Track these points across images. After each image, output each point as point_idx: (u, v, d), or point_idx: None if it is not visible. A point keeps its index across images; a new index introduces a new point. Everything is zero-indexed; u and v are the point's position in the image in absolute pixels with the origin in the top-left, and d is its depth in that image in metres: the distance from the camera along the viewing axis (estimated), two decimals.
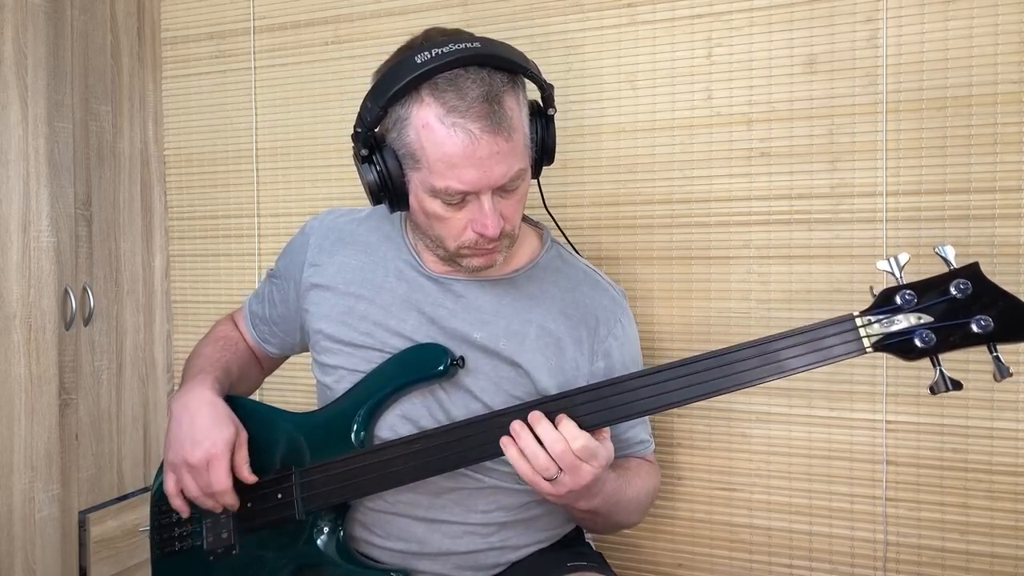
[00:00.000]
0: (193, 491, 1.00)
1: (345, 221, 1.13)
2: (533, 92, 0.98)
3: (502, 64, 0.90)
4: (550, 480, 0.87)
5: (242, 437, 1.03)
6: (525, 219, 1.10)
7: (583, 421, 0.88)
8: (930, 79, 1.18)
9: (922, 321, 0.80)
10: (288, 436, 1.05)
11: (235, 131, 1.64)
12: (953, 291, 0.79)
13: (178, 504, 1.03)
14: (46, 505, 1.43)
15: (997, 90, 1.14)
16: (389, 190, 0.95)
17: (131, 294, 1.63)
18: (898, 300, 0.81)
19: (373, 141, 0.94)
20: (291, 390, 1.61)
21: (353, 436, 1.01)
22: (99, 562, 1.52)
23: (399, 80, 0.88)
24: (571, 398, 0.90)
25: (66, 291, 1.47)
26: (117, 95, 1.60)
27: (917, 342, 0.80)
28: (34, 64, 1.41)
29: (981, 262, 0.81)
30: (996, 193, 1.15)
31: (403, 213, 1.04)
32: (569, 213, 1.38)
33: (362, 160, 0.95)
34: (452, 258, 0.99)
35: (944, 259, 0.81)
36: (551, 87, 0.96)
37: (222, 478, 0.99)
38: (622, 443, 1.06)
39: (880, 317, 0.81)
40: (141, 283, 1.65)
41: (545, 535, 1.09)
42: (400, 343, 1.02)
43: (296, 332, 1.17)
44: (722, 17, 1.28)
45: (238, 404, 1.06)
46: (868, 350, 0.82)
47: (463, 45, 0.88)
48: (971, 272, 0.80)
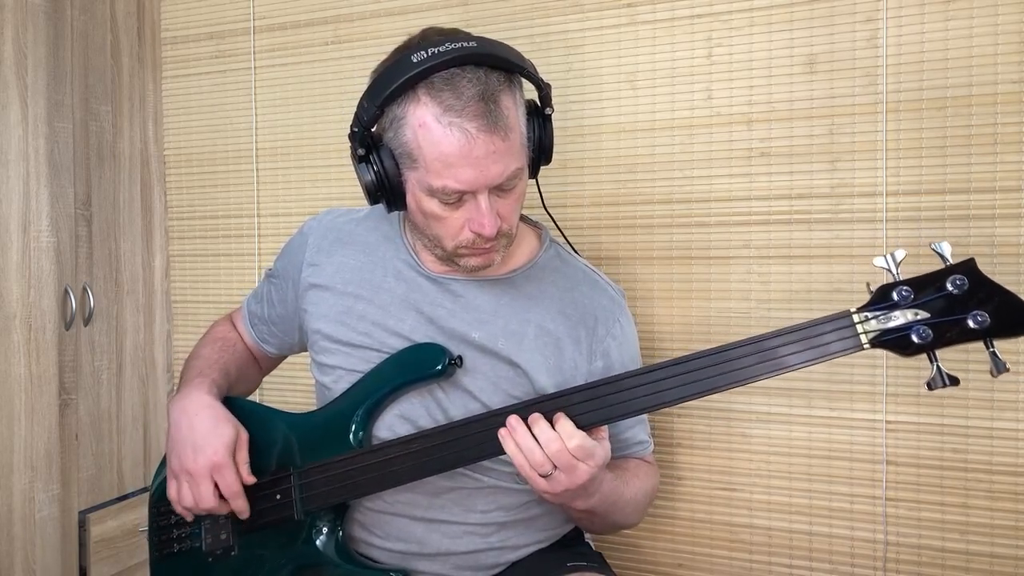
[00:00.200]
0: (191, 501, 1.00)
1: (344, 221, 1.13)
2: (532, 92, 0.98)
3: (498, 63, 0.90)
4: (545, 476, 0.87)
5: (243, 437, 1.03)
6: (524, 219, 1.10)
7: (581, 420, 0.88)
8: (930, 79, 1.18)
9: (919, 317, 0.80)
10: (286, 437, 1.05)
11: (235, 131, 1.64)
12: (949, 287, 0.80)
13: (181, 510, 1.03)
14: (46, 505, 1.43)
15: (997, 90, 1.14)
16: (386, 190, 0.95)
17: (131, 294, 1.63)
18: (895, 296, 0.81)
19: (370, 141, 0.94)
20: (291, 390, 1.61)
21: (352, 436, 1.01)
22: (99, 562, 1.52)
23: (395, 79, 0.88)
24: (569, 397, 0.90)
25: (66, 291, 1.47)
26: (117, 95, 1.60)
27: (914, 338, 0.80)
28: (34, 64, 1.41)
29: (981, 262, 0.81)
30: (996, 193, 1.15)
31: (401, 213, 1.03)
32: (569, 213, 1.38)
33: (359, 160, 0.95)
34: (450, 258, 0.99)
35: (940, 255, 0.81)
36: (548, 86, 0.96)
37: (230, 483, 0.99)
38: (621, 443, 1.06)
39: (877, 313, 0.82)
40: (141, 283, 1.65)
41: (545, 535, 1.09)
42: (398, 343, 1.02)
43: (295, 332, 1.17)
44: (722, 17, 1.28)
45: (236, 405, 1.06)
46: (865, 346, 0.82)
47: (459, 44, 0.88)
48: (967, 268, 0.80)
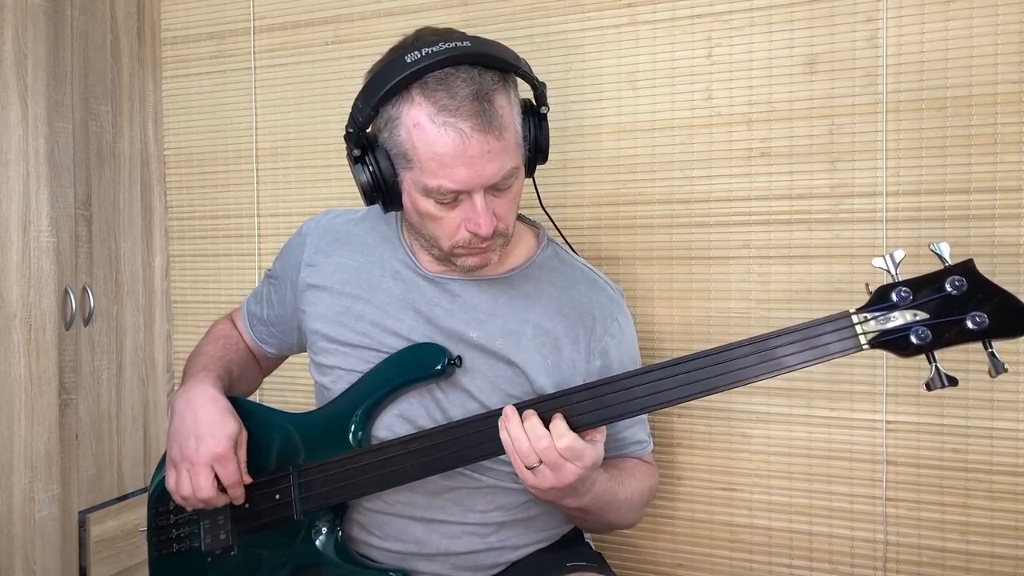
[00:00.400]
0: (189, 490, 1.00)
1: (342, 222, 1.13)
2: (528, 92, 0.97)
3: (492, 63, 0.90)
4: (531, 469, 0.87)
5: (243, 436, 1.03)
6: (521, 218, 1.10)
7: (580, 420, 0.88)
8: (930, 79, 1.18)
9: (918, 318, 0.80)
10: (286, 436, 1.05)
11: (235, 131, 1.64)
12: (948, 288, 0.80)
13: (179, 499, 1.03)
14: (46, 505, 1.43)
15: (997, 90, 1.14)
16: (382, 190, 0.95)
17: (131, 294, 1.63)
18: (894, 297, 0.81)
19: (365, 141, 0.94)
20: (291, 390, 1.61)
21: (351, 436, 1.01)
22: (99, 562, 1.52)
23: (390, 80, 0.88)
24: (567, 397, 0.90)
25: (66, 291, 1.47)
26: (117, 95, 1.60)
27: (913, 339, 0.80)
28: (34, 64, 1.41)
29: (981, 262, 0.81)
30: (996, 193, 1.15)
31: (399, 213, 1.04)
32: (569, 213, 1.38)
33: (354, 161, 0.95)
34: (447, 258, 0.99)
35: (939, 256, 0.81)
36: (543, 85, 0.96)
37: (231, 472, 0.99)
38: (619, 443, 1.06)
39: (876, 314, 0.82)
40: (141, 283, 1.65)
41: (544, 535, 1.09)
42: (396, 343, 1.02)
43: (293, 333, 1.17)
44: (722, 17, 1.28)
45: (236, 405, 1.06)
46: (864, 347, 0.82)
47: (453, 44, 0.88)
48: (966, 269, 0.80)
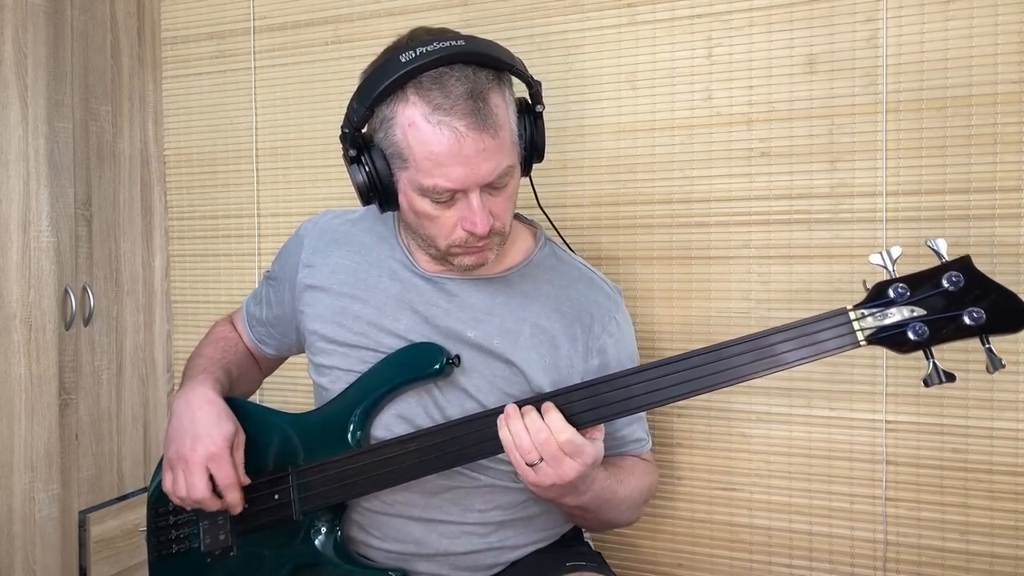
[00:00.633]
0: (184, 491, 1.00)
1: (339, 222, 1.13)
2: (524, 91, 0.97)
3: (487, 61, 0.90)
4: (532, 466, 0.87)
5: (240, 437, 1.03)
6: (519, 217, 1.10)
7: (578, 418, 0.88)
8: (930, 79, 1.18)
9: (915, 314, 0.81)
10: (284, 437, 1.05)
11: (235, 131, 1.64)
12: (945, 284, 0.80)
13: (177, 500, 1.03)
14: (46, 505, 1.43)
15: (997, 90, 1.14)
16: (378, 190, 0.96)
17: (131, 294, 1.63)
18: (891, 293, 0.81)
19: (361, 142, 0.95)
20: (291, 390, 1.61)
21: (349, 436, 1.01)
22: (99, 562, 1.52)
23: (384, 80, 0.89)
24: (567, 395, 0.90)
25: (66, 291, 1.47)
26: (117, 95, 1.60)
27: (910, 335, 0.80)
28: (34, 64, 1.41)
29: (981, 262, 0.81)
30: (996, 193, 1.15)
31: (396, 213, 1.04)
32: (569, 213, 1.38)
33: (350, 161, 0.95)
34: (443, 257, 0.99)
35: (936, 252, 0.81)
36: (538, 84, 0.96)
37: (227, 473, 0.99)
38: (618, 441, 1.06)
39: (873, 310, 0.82)
40: (141, 283, 1.65)
41: (543, 535, 1.09)
42: (394, 343, 1.02)
43: (292, 333, 1.17)
44: (722, 17, 1.28)
45: (235, 406, 1.06)
46: (862, 343, 0.82)
47: (447, 43, 0.88)
48: (963, 265, 0.80)
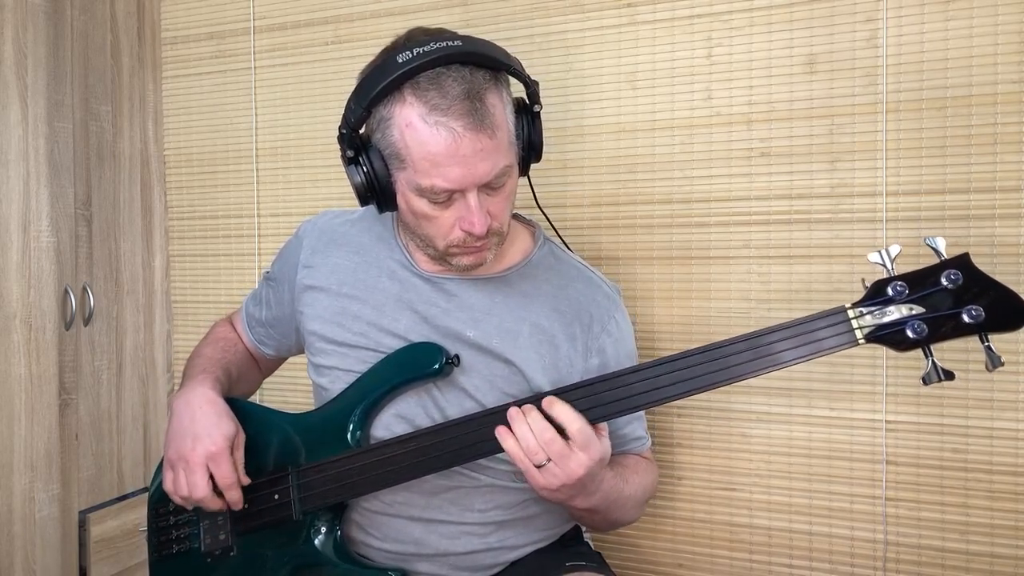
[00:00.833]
0: (185, 490, 1.00)
1: (339, 223, 1.13)
2: (521, 91, 0.97)
3: (484, 62, 0.90)
4: (540, 467, 0.87)
5: (240, 437, 1.03)
6: (517, 217, 1.10)
7: None
8: (930, 79, 1.18)
9: (914, 312, 0.81)
10: (284, 437, 1.05)
11: (235, 131, 1.64)
12: (944, 282, 0.80)
13: (179, 500, 1.03)
14: (46, 505, 1.43)
15: (997, 90, 1.14)
16: (376, 191, 0.96)
17: (131, 294, 1.63)
18: (890, 292, 0.81)
19: (359, 142, 0.95)
20: (291, 390, 1.61)
21: (349, 436, 1.01)
22: (99, 562, 1.52)
23: (381, 80, 0.89)
24: (566, 394, 0.90)
25: (66, 291, 1.47)
26: (117, 95, 1.60)
27: (909, 333, 0.80)
28: (34, 64, 1.41)
29: (981, 262, 0.81)
30: (996, 193, 1.15)
31: (395, 213, 1.04)
32: (569, 213, 1.38)
33: (348, 161, 0.95)
34: (442, 257, 0.99)
35: (935, 250, 0.81)
36: (535, 83, 0.96)
37: (226, 473, 0.99)
38: (618, 439, 1.06)
39: (872, 309, 0.82)
40: (141, 283, 1.65)
41: (543, 535, 1.09)
42: (393, 343, 1.02)
43: (292, 334, 1.17)
44: (722, 17, 1.28)
45: (235, 406, 1.06)
46: (860, 342, 0.82)
47: (444, 44, 0.88)
48: (961, 263, 0.80)
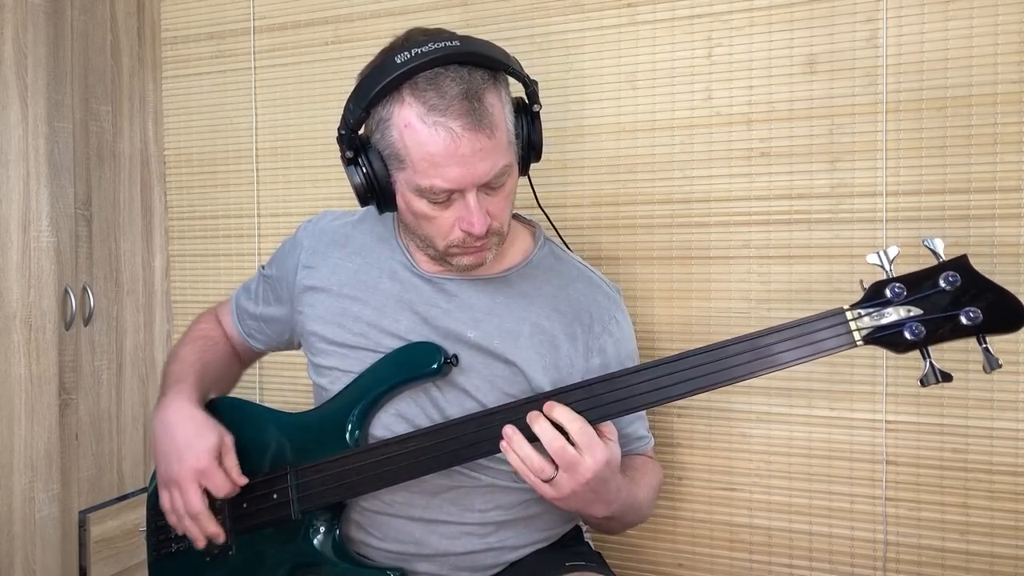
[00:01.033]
0: (182, 508, 1.00)
1: (339, 224, 1.13)
2: (520, 91, 0.97)
3: (482, 61, 0.90)
4: (548, 481, 0.86)
5: (227, 442, 1.02)
6: (517, 217, 1.10)
7: None
8: (930, 79, 1.18)
9: (912, 314, 0.81)
10: (283, 436, 1.05)
11: (235, 131, 1.64)
12: (942, 283, 0.80)
13: (174, 520, 1.03)
14: (46, 505, 1.43)
15: (997, 90, 1.14)
16: (376, 191, 0.96)
17: (131, 294, 1.63)
18: (888, 293, 0.81)
19: (358, 143, 0.95)
20: (291, 390, 1.61)
21: (348, 436, 1.01)
22: (99, 562, 1.52)
23: (380, 81, 0.89)
24: (565, 395, 0.90)
25: (66, 291, 1.47)
26: (117, 95, 1.60)
27: (907, 334, 0.80)
28: (34, 64, 1.41)
29: (981, 262, 0.81)
30: (996, 193, 1.15)
31: (395, 214, 1.04)
32: (569, 213, 1.38)
33: (347, 162, 0.95)
34: (442, 257, 0.99)
35: (933, 251, 0.81)
36: (534, 83, 0.97)
37: (220, 485, 0.99)
38: (622, 439, 1.05)
39: (870, 310, 0.82)
40: (141, 283, 1.65)
41: (544, 535, 1.09)
42: (394, 343, 1.02)
43: (287, 332, 1.17)
44: (722, 17, 1.28)
45: (233, 405, 1.06)
46: (859, 343, 0.82)
47: (442, 44, 0.88)
48: (960, 264, 0.80)
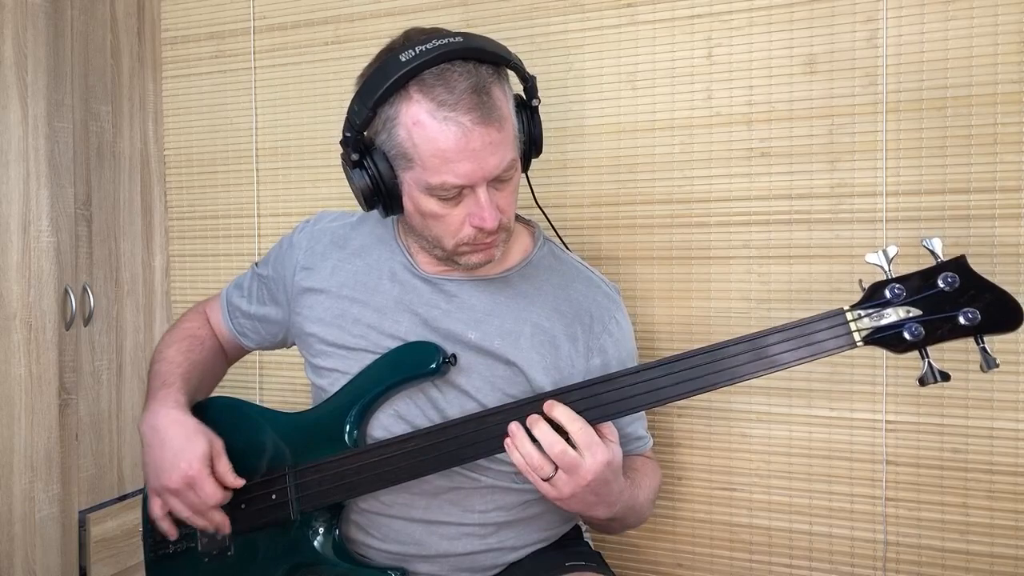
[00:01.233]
0: (184, 512, 1.00)
1: (338, 225, 1.13)
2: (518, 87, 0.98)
3: (486, 56, 0.91)
4: (547, 480, 0.87)
5: (217, 447, 1.02)
6: (517, 217, 1.10)
7: None
8: (930, 79, 1.18)
9: (911, 314, 0.81)
10: (281, 436, 1.05)
11: (235, 131, 1.64)
12: (941, 284, 0.80)
13: (166, 527, 1.03)
14: (46, 505, 1.43)
15: (997, 90, 1.14)
16: (382, 194, 0.95)
17: (131, 294, 1.63)
18: (887, 294, 0.82)
19: (362, 145, 0.94)
20: (291, 391, 1.61)
21: (346, 436, 1.00)
22: (99, 562, 1.52)
23: (386, 80, 0.89)
24: (565, 395, 0.90)
25: (66, 291, 1.47)
26: (117, 95, 1.60)
27: (906, 335, 0.81)
28: (34, 64, 1.41)
29: (981, 262, 0.81)
30: (996, 193, 1.15)
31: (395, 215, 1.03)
32: (569, 213, 1.38)
33: (352, 165, 0.95)
34: (450, 257, 0.98)
35: (932, 252, 0.82)
36: (533, 78, 0.97)
37: (210, 494, 0.98)
38: (622, 439, 1.05)
39: (870, 311, 0.82)
40: (141, 283, 1.65)
41: (544, 535, 1.09)
42: (394, 345, 1.02)
43: (281, 333, 1.17)
44: (722, 17, 1.28)
45: (232, 405, 1.06)
46: (858, 344, 0.82)
47: (446, 40, 0.88)
48: (958, 265, 0.80)
